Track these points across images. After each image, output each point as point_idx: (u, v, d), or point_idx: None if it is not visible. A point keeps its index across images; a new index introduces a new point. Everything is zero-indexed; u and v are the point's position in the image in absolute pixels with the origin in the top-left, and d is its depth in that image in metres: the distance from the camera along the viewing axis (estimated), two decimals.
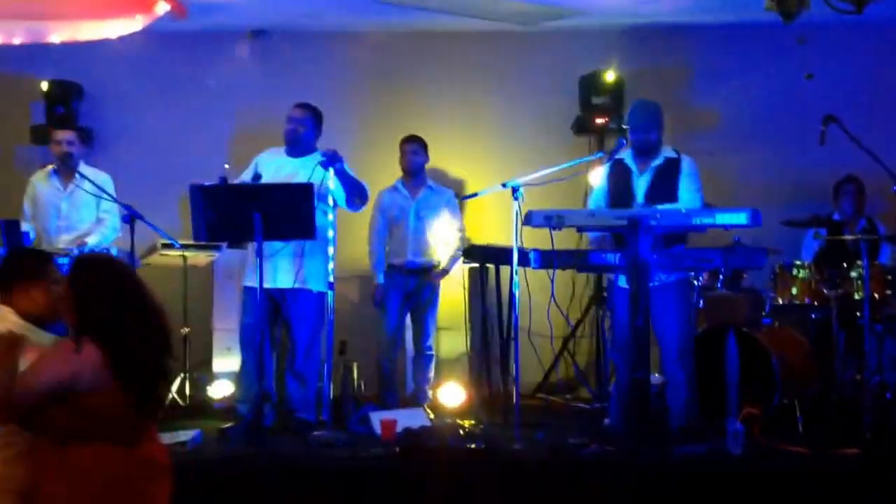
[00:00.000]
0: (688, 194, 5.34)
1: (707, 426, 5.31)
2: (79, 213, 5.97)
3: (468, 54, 7.62)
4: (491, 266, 6.17)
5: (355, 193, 5.65)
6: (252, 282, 5.52)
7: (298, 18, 7.15)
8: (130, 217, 5.56)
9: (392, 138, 6.73)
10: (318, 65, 7.60)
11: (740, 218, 4.91)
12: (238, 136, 7.15)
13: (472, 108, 7.59)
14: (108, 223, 5.89)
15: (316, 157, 5.63)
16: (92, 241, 5.79)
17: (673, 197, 5.34)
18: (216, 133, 7.24)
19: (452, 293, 6.78)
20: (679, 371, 5.34)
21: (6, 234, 5.15)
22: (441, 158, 6.98)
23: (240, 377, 5.86)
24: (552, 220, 5.10)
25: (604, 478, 4.77)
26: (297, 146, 5.76)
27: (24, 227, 5.75)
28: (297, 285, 5.63)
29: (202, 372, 6.81)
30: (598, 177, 6.73)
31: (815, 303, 6.02)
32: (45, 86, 7.21)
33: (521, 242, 5.26)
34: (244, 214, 5.04)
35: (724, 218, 4.96)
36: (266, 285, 5.48)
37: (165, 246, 6.41)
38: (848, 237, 6.05)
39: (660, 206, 5.18)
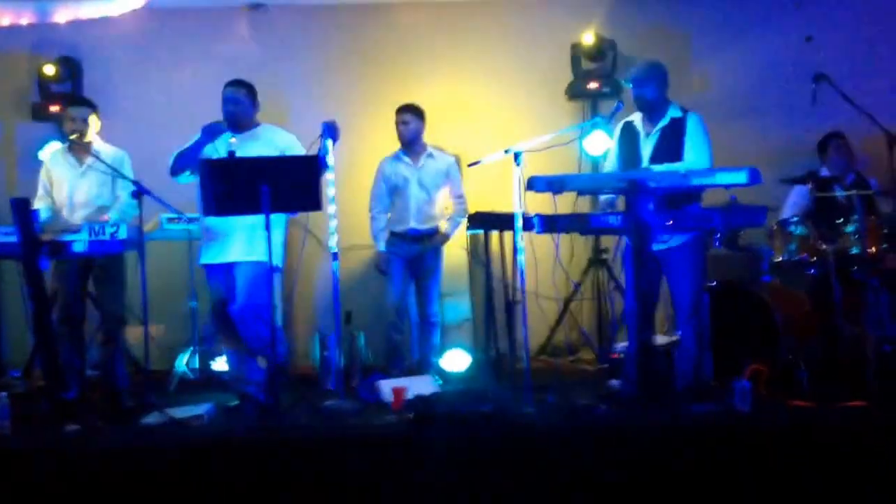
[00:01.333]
0: (693, 153, 5.34)
1: (714, 384, 5.37)
2: (93, 189, 5.92)
3: (462, 22, 7.63)
4: (494, 232, 6.20)
5: (325, 167, 5.61)
6: (207, 259, 5.64)
7: None
8: (138, 192, 5.56)
9: (389, 108, 6.73)
10: (315, 37, 7.62)
11: (740, 177, 4.90)
12: None
13: (466, 77, 7.61)
14: (124, 199, 5.88)
15: (267, 129, 5.71)
16: (112, 216, 5.79)
17: (678, 157, 5.34)
18: (217, 107, 7.23)
19: (455, 260, 6.83)
20: (689, 331, 5.37)
21: (16, 212, 5.13)
22: (437, 126, 6.99)
23: (226, 355, 5.91)
24: (554, 185, 5.12)
25: (615, 438, 4.80)
26: (240, 123, 5.71)
27: (39, 205, 5.71)
28: (251, 258, 5.56)
29: (208, 345, 6.84)
30: (594, 142, 6.79)
31: (813, 259, 6.05)
32: (45, 64, 7.16)
33: (524, 208, 5.30)
34: (252, 187, 5.04)
35: (723, 177, 4.95)
36: (219, 260, 5.58)
37: (171, 220, 6.44)
38: (841, 193, 6.09)
39: (658, 167, 5.22)
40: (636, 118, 5.53)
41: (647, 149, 5.44)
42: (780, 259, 6.13)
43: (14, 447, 4.85)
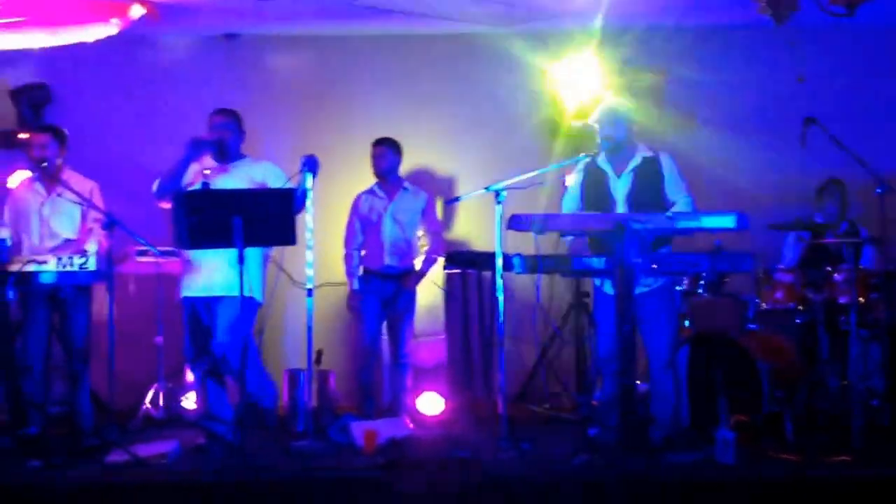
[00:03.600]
0: (679, 196, 5.34)
1: (695, 434, 5.29)
2: (60, 220, 5.84)
3: (441, 56, 7.57)
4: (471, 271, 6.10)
5: (303, 202, 5.51)
6: (187, 292, 5.57)
7: (270, 22, 7.08)
8: (110, 223, 5.43)
9: (365, 142, 6.63)
10: (289, 68, 7.56)
11: (727, 221, 4.88)
12: None
13: (446, 112, 7.54)
14: (95, 230, 5.78)
15: (252, 163, 5.67)
16: (90, 248, 5.67)
17: (658, 198, 5.33)
18: (188, 136, 7.15)
19: (431, 299, 6.71)
20: (667, 378, 5.33)
21: None
22: (416, 162, 6.90)
23: (196, 392, 5.81)
24: (536, 224, 5.04)
25: (593, 487, 4.72)
26: (225, 154, 5.66)
27: (3, 234, 5.61)
28: (231, 293, 5.40)
29: (176, 382, 6.69)
30: (572, 181, 6.71)
31: (800, 307, 6.04)
32: (16, 89, 7.10)
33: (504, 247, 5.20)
34: (225, 220, 4.97)
35: (710, 221, 4.91)
36: (202, 294, 5.51)
37: (140, 253, 6.30)
38: (831, 241, 6.05)
39: (676, 210, 5.19)
40: (600, 158, 5.47)
41: (620, 190, 5.39)
42: (767, 307, 6.07)
43: None
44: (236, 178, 5.56)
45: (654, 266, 5.08)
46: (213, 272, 5.48)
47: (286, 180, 5.52)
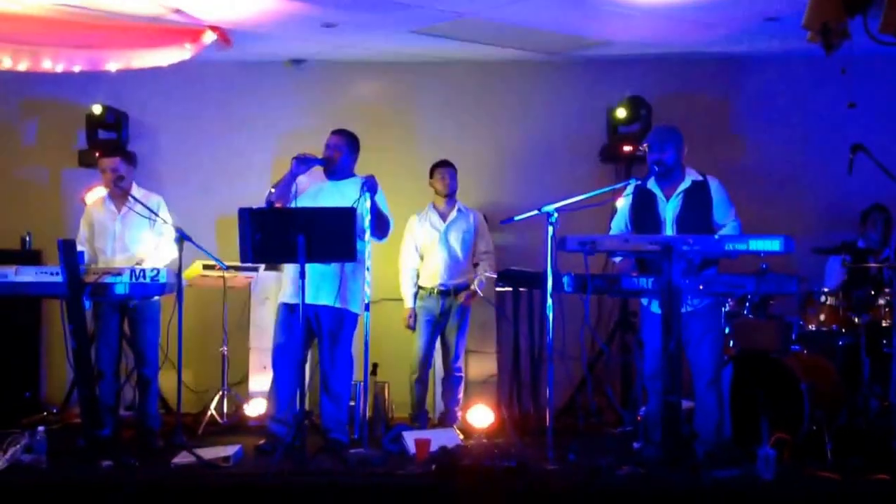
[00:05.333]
0: (727, 219, 5.44)
1: (737, 451, 5.37)
2: (132, 234, 6.10)
3: (497, 82, 7.80)
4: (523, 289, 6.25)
5: (381, 224, 5.77)
6: (289, 298, 5.74)
7: (335, 48, 7.34)
8: (179, 238, 5.70)
9: (423, 165, 6.90)
10: (353, 92, 7.83)
11: (774, 245, 5.00)
12: (278, 161, 7.26)
13: (501, 135, 7.78)
14: (164, 244, 6.06)
15: (355, 181, 5.81)
16: (148, 264, 5.93)
17: (706, 221, 5.42)
18: (257, 158, 7.40)
19: (483, 316, 6.91)
20: (711, 395, 5.41)
21: (63, 253, 5.28)
22: (471, 183, 7.12)
23: (271, 395, 5.96)
24: (586, 246, 5.15)
25: (637, 500, 4.82)
26: (335, 171, 5.92)
27: (80, 248, 5.87)
28: (337, 304, 5.78)
29: (239, 390, 6.96)
30: (621, 203, 6.85)
31: (843, 330, 6.10)
32: (94, 111, 7.40)
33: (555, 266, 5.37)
34: (289, 237, 5.19)
35: (757, 244, 5.03)
36: (305, 301, 5.63)
37: (207, 267, 6.58)
38: (873, 265, 6.13)
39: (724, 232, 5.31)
40: (650, 182, 5.57)
41: (669, 212, 5.49)
42: (810, 329, 6.16)
43: (50, 481, 4.97)
44: (334, 194, 5.79)
45: (701, 287, 5.18)
46: (312, 281, 5.64)
47: (384, 203, 5.78)
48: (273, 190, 5.76)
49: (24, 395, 7.12)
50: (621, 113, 7.47)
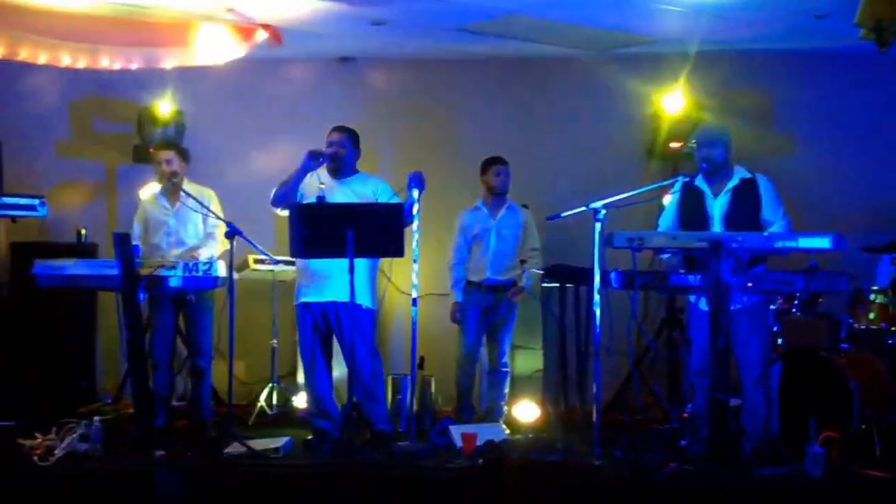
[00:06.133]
0: (776, 217, 5.43)
1: (785, 448, 5.36)
2: (185, 228, 6.23)
3: (543, 79, 7.83)
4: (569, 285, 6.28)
5: (411, 215, 5.76)
6: (305, 298, 5.83)
7: (383, 46, 7.41)
8: (231, 233, 5.81)
9: (468, 161, 6.93)
10: (401, 89, 7.89)
11: (823, 242, 5.01)
12: None
13: (548, 131, 7.80)
14: (216, 237, 6.18)
15: (364, 178, 5.93)
16: (203, 255, 6.06)
17: (754, 219, 5.41)
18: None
19: (529, 311, 6.94)
20: (759, 393, 5.40)
21: (119, 247, 5.40)
22: (518, 179, 7.12)
23: (308, 393, 6.05)
24: (634, 242, 5.16)
25: (684, 497, 4.83)
26: (339, 168, 5.94)
27: (135, 242, 6.00)
28: (349, 300, 5.67)
29: (288, 382, 7.06)
30: (669, 200, 6.84)
31: (893, 328, 6.07)
32: (149, 108, 7.54)
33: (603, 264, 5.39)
34: (338, 232, 5.26)
35: (806, 242, 5.05)
36: (319, 299, 5.76)
37: (257, 261, 6.68)
38: None
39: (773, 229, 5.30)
40: (698, 179, 5.57)
41: (717, 210, 5.48)
42: (860, 327, 6.12)
43: (105, 469, 5.09)
44: (347, 193, 5.84)
45: (750, 284, 5.18)
46: (330, 279, 5.75)
47: (394, 196, 5.81)
48: (281, 185, 5.80)
49: (80, 384, 7.27)
50: (668, 110, 7.46)
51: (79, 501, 4.91)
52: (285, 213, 5.79)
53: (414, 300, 5.72)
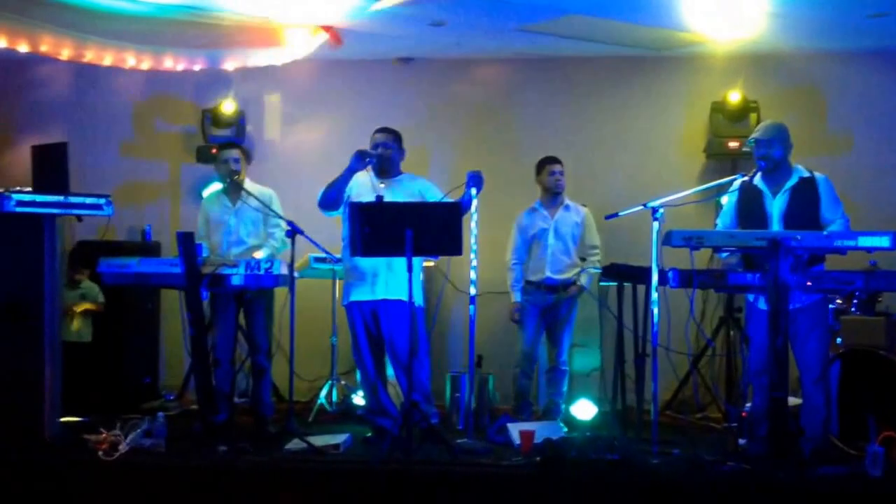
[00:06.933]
0: (835, 216, 5.40)
1: (845, 448, 5.33)
2: (246, 228, 6.33)
3: (601, 79, 7.84)
4: (627, 284, 6.28)
5: (468, 209, 5.77)
6: (354, 297, 5.90)
7: (441, 46, 7.46)
8: (292, 232, 5.89)
9: (526, 161, 6.96)
10: (458, 89, 7.95)
11: (883, 241, 4.98)
12: None
13: (605, 130, 7.81)
14: (276, 237, 6.28)
15: (412, 178, 5.99)
16: (262, 254, 6.15)
17: (814, 217, 5.39)
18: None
19: (587, 310, 6.95)
20: (818, 392, 5.37)
21: (182, 245, 5.50)
22: (576, 179, 7.14)
23: (365, 391, 6.13)
24: (692, 241, 5.16)
25: (742, 496, 4.82)
26: (386, 169, 5.99)
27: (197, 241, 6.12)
28: (392, 297, 5.84)
29: (347, 379, 7.15)
30: (727, 199, 6.81)
31: None
32: (212, 108, 7.69)
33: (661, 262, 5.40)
34: (397, 230, 5.32)
35: (866, 241, 5.02)
36: (369, 298, 5.83)
37: (318, 260, 6.77)
38: None
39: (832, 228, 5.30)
40: (756, 178, 5.55)
41: (776, 209, 5.46)
42: None
43: (169, 464, 5.19)
44: (397, 192, 5.89)
45: (809, 283, 5.15)
46: (377, 278, 5.83)
47: (442, 196, 5.85)
48: (328, 187, 5.85)
49: (144, 380, 7.43)
50: (726, 109, 7.43)
51: (143, 496, 5.01)
52: (332, 214, 5.88)
53: (472, 298, 5.75)
